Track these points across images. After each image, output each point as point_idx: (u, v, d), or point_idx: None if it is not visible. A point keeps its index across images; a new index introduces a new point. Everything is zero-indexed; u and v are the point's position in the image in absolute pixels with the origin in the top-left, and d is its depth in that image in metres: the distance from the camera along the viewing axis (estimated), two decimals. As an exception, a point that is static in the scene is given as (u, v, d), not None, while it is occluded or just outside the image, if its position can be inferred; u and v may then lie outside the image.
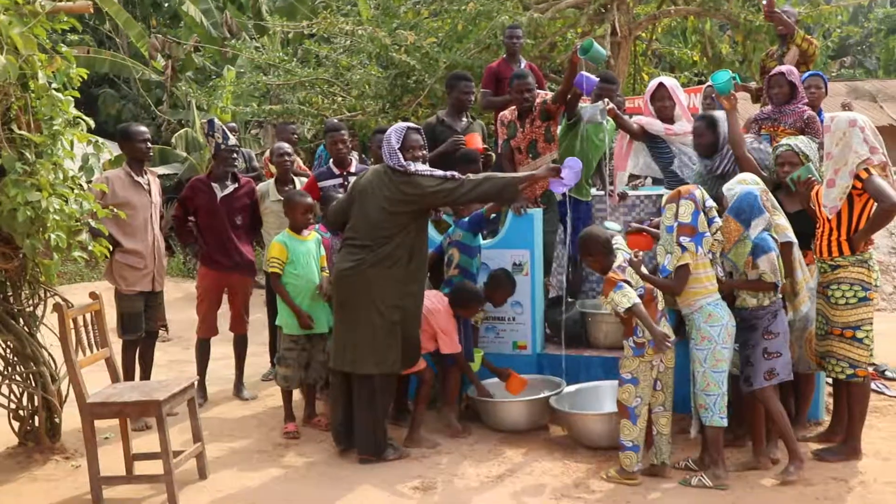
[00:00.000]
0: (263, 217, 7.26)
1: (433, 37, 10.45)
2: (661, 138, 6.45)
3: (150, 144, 6.32)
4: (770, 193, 5.12)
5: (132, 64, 18.88)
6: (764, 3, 7.33)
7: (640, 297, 4.87)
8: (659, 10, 11.27)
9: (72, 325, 4.90)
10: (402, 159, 5.29)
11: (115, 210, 5.59)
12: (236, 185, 6.78)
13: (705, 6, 10.77)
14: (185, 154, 15.16)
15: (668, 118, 6.42)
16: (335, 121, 7.92)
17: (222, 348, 7.36)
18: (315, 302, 6.01)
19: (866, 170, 4.94)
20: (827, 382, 6.03)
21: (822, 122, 6.83)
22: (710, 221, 4.94)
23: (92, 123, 5.38)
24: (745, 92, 7.57)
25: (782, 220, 5.05)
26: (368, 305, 5.28)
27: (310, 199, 6.17)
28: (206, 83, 16.22)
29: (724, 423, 4.87)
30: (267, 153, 8.99)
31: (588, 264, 5.31)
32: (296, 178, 7.39)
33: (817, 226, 5.21)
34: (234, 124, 10.86)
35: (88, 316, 5.11)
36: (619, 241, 5.10)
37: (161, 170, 16.14)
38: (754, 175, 5.24)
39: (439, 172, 5.33)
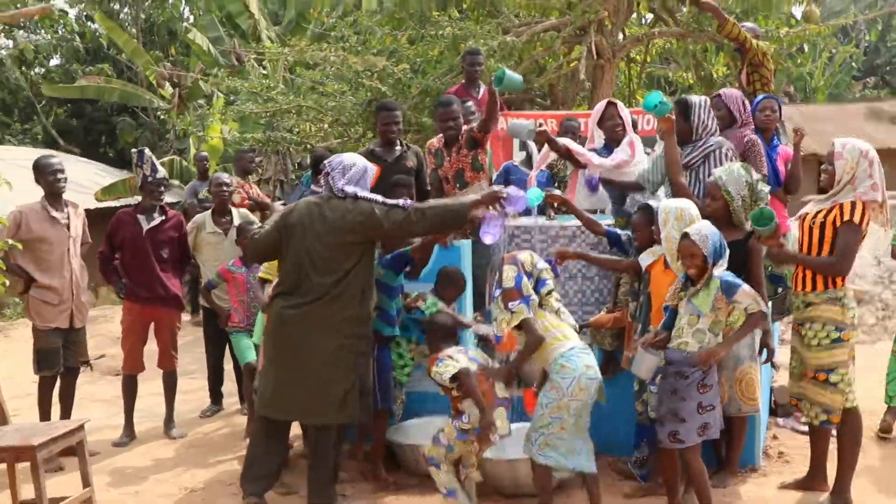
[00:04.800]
0: (199, 249, 7.09)
1: (407, 62, 10.24)
2: None
3: (61, 177, 6.14)
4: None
5: (141, 93, 19.10)
6: None
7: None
8: (643, 33, 10.97)
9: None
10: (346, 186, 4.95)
11: (12, 242, 5.45)
12: (163, 218, 6.62)
13: (689, 28, 10.47)
14: (176, 182, 15.16)
15: (618, 141, 6.10)
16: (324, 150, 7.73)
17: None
18: None
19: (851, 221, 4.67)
20: (804, 423, 5.53)
21: (777, 146, 6.51)
22: (540, 283, 4.70)
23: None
24: None
25: None
26: (320, 348, 4.85)
27: None
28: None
29: (543, 461, 4.54)
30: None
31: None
32: (234, 210, 7.23)
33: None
34: (204, 153, 10.74)
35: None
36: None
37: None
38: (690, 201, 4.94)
39: (384, 199, 4.94)
